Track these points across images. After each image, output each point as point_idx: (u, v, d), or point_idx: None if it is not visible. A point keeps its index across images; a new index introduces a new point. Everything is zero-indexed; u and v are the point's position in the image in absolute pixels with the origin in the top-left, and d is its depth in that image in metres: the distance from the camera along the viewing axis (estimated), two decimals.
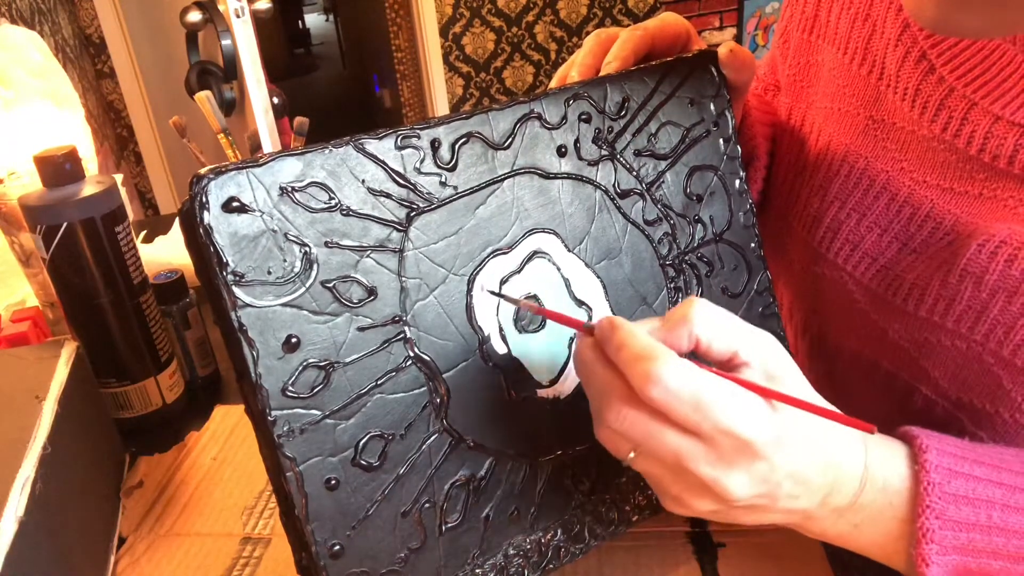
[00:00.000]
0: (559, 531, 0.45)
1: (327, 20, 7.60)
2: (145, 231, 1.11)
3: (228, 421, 0.69)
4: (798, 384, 0.37)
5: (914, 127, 0.47)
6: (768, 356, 0.37)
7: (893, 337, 0.49)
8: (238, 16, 0.87)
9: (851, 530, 0.39)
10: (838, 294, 0.53)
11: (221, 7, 0.88)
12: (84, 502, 0.53)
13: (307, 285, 0.36)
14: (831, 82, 0.54)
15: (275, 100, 0.94)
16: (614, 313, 0.45)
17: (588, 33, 0.53)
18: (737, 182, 0.49)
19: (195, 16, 0.90)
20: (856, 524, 0.39)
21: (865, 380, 0.53)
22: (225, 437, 0.67)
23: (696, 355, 0.37)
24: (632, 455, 0.36)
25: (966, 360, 0.44)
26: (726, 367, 0.37)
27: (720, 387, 0.34)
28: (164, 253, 0.96)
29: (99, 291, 0.63)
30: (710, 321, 0.36)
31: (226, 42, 0.88)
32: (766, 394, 0.35)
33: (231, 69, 0.90)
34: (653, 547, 0.50)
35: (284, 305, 0.36)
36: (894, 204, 0.49)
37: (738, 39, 3.45)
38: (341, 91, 5.66)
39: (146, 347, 0.66)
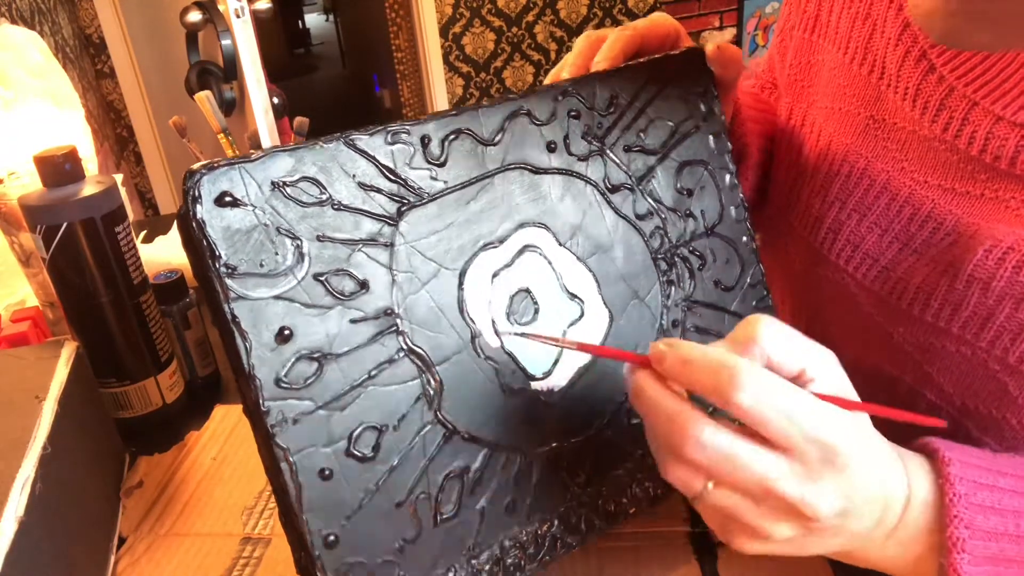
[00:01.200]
0: (556, 523, 0.45)
1: (327, 20, 7.60)
2: (145, 231, 1.12)
3: (228, 421, 0.69)
4: (854, 400, 0.36)
5: (915, 127, 0.47)
6: (832, 373, 0.36)
7: (898, 341, 0.48)
8: (238, 16, 0.87)
9: (889, 550, 0.38)
10: (841, 297, 0.53)
11: (221, 7, 0.88)
12: (84, 502, 0.53)
13: (299, 278, 0.36)
14: (831, 82, 0.54)
15: (275, 100, 0.94)
16: (607, 307, 0.46)
17: None
18: (727, 177, 0.50)
19: (195, 16, 0.91)
20: (900, 541, 0.38)
21: (869, 385, 0.52)
22: (225, 437, 0.67)
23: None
24: (710, 486, 0.35)
25: (971, 366, 0.44)
26: (795, 384, 0.36)
27: (804, 394, 0.34)
28: (164, 253, 0.97)
29: (99, 291, 0.63)
30: (778, 339, 0.35)
31: (226, 42, 0.89)
32: (842, 404, 0.34)
33: (231, 69, 0.90)
34: (653, 547, 0.50)
35: (277, 297, 0.36)
36: (894, 204, 0.49)
37: (738, 39, 3.45)
38: (341, 91, 5.67)
39: (146, 347, 0.67)
